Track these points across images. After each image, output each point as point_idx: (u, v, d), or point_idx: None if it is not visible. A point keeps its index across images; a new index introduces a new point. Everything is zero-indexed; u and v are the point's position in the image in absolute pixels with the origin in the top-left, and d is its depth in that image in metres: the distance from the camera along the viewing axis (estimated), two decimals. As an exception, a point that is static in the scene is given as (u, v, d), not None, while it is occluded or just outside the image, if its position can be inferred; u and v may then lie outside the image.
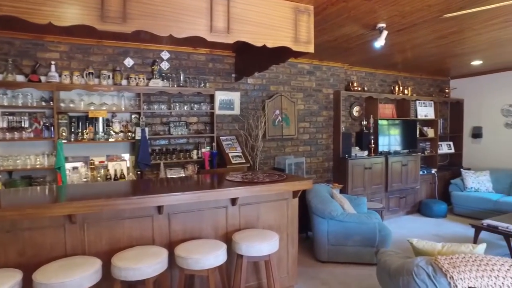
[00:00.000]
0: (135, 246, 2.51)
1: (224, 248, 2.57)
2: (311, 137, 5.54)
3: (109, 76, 3.97)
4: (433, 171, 6.49)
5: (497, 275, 2.12)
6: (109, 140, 3.94)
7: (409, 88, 6.42)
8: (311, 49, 3.12)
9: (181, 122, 4.43)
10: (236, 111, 4.84)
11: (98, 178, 3.86)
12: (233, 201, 3.01)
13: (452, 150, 7.02)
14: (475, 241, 4.33)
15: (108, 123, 4.01)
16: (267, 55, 3.77)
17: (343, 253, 4.06)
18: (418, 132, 6.47)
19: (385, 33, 3.67)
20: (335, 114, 5.68)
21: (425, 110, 6.58)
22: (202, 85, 4.45)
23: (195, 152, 4.42)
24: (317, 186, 4.62)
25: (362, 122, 5.99)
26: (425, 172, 6.38)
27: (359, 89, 5.84)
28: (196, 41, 4.19)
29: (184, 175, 4.28)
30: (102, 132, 3.91)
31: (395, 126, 6.17)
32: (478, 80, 6.74)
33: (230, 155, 4.56)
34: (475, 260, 2.23)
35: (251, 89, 4.97)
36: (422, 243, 2.71)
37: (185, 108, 4.38)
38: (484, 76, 6.62)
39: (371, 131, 5.92)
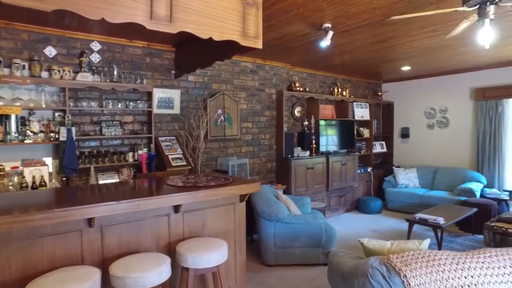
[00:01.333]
0: (58, 269, 2.10)
1: (168, 262, 2.29)
2: (254, 137, 5.43)
3: (24, 66, 3.38)
4: (369, 169, 6.83)
5: (444, 269, 2.17)
6: (26, 141, 3.35)
7: (347, 90, 6.67)
8: (259, 44, 2.97)
9: (114, 122, 3.98)
10: (176, 110, 4.52)
11: (10, 187, 3.26)
12: (176, 208, 2.73)
13: (385, 149, 7.48)
14: (409, 233, 4.58)
15: (24, 121, 3.41)
16: (211, 50, 3.54)
17: (290, 256, 3.99)
18: (355, 132, 6.75)
19: (330, 33, 3.68)
20: (278, 114, 5.64)
21: (361, 112, 6.89)
22: (139, 81, 4.05)
23: (131, 154, 4.00)
24: (262, 188, 4.51)
25: (304, 123, 6.05)
26: (362, 171, 6.68)
27: (301, 89, 5.88)
28: (132, 32, 3.79)
29: (118, 181, 3.84)
30: (15, 133, 3.31)
31: (335, 126, 6.35)
32: (406, 84, 7.27)
33: (170, 157, 4.23)
34: (423, 256, 2.27)
35: (192, 87, 4.68)
36: (372, 243, 2.72)
37: (120, 106, 3.94)
38: (411, 81, 7.16)
39: (313, 131, 6.01)
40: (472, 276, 2.16)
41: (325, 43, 3.76)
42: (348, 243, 4.67)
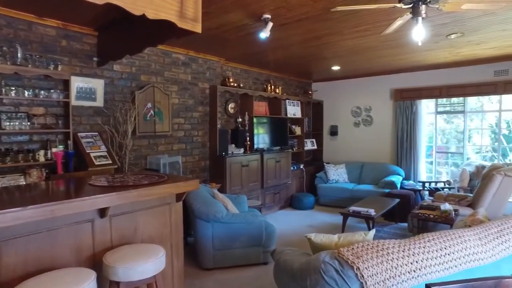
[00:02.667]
0: None
1: (93, 277, 1.91)
2: (187, 134, 5.10)
3: None
4: (302, 166, 6.97)
5: (392, 258, 2.17)
6: None
7: (280, 88, 6.70)
8: (198, 28, 2.71)
9: (19, 114, 3.33)
10: (99, 102, 3.99)
11: None
12: (102, 211, 2.33)
13: (315, 147, 7.72)
14: (343, 226, 4.73)
15: None
16: (142, 34, 3.17)
17: (229, 257, 3.79)
18: (288, 130, 6.82)
19: (270, 24, 3.57)
20: (212, 110, 5.39)
21: (293, 109, 6.99)
22: (52, 67, 3.45)
23: (42, 152, 3.39)
24: (198, 187, 4.22)
25: (238, 119, 5.90)
26: (295, 168, 6.78)
27: (235, 85, 5.72)
28: (42, 7, 3.20)
29: (25, 184, 3.20)
30: None
31: (269, 123, 6.32)
32: (335, 84, 7.60)
33: (92, 155, 3.70)
34: (372, 247, 2.25)
35: (118, 77, 4.18)
36: (320, 237, 2.66)
37: (26, 94, 3.30)
38: (339, 81, 7.51)
39: (247, 128, 5.89)
40: (417, 262, 2.19)
41: (264, 34, 3.64)
42: (287, 240, 4.64)
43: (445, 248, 2.35)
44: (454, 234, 2.51)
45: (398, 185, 6.03)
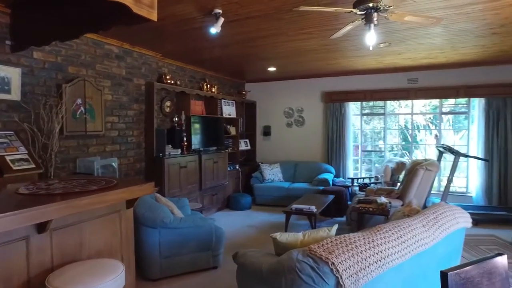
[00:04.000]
0: None
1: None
2: (121, 134, 4.65)
3: None
4: (237, 166, 6.93)
5: (361, 250, 2.26)
6: None
7: (216, 87, 6.57)
8: (154, 16, 2.47)
9: None
10: (15, 95, 3.37)
11: None
12: (42, 226, 1.95)
13: (249, 147, 7.75)
14: (287, 224, 4.81)
15: None
16: (79, 17, 2.74)
17: (178, 264, 3.54)
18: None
19: (221, 19, 3.45)
20: (148, 109, 5.01)
21: (228, 109, 6.92)
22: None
23: None
24: (139, 191, 3.86)
25: (174, 119, 5.59)
26: (232, 168, 6.71)
27: (172, 82, 5.42)
28: None
29: None
30: None
31: (206, 123, 6.13)
32: (268, 85, 7.75)
33: (8, 158, 3.10)
34: (341, 242, 2.31)
35: (39, 66, 3.59)
36: (285, 236, 2.63)
37: None
38: (272, 82, 7.67)
39: (183, 128, 5.63)
40: (381, 252, 2.32)
41: (215, 29, 3.50)
42: (232, 242, 4.54)
43: (400, 237, 2.53)
44: (404, 224, 2.72)
45: (331, 182, 6.41)
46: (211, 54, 5.33)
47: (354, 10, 2.79)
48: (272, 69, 6.46)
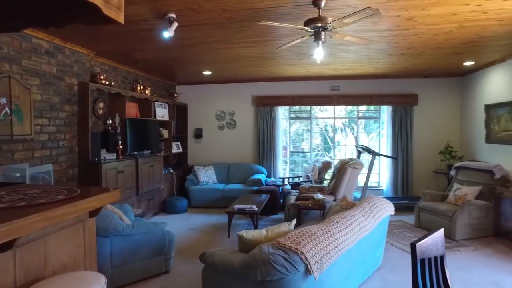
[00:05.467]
0: None
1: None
2: (52, 137, 4.25)
3: None
4: (171, 169, 6.83)
5: (322, 240, 2.59)
6: None
7: (149, 89, 6.38)
8: (121, 18, 2.40)
9: None
10: None
11: None
12: (6, 244, 1.79)
13: (180, 150, 7.68)
14: (229, 224, 4.97)
15: None
16: (27, 7, 2.49)
17: (130, 273, 3.44)
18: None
19: (175, 24, 3.47)
20: (82, 110, 4.67)
21: (162, 112, 6.78)
22: None
23: None
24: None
25: (108, 121, 5.29)
26: (166, 172, 6.59)
27: (107, 83, 5.13)
28: None
29: None
30: None
31: (140, 126, 5.93)
32: (199, 88, 7.79)
33: None
34: (304, 234, 2.61)
35: (-43, 61, 3.12)
36: (251, 233, 2.82)
37: None
38: (204, 85, 7.73)
39: (118, 131, 5.37)
40: (337, 239, 2.70)
41: (168, 34, 3.50)
42: (179, 245, 4.52)
43: (349, 226, 2.96)
44: (349, 215, 3.18)
45: (264, 182, 6.78)
46: (147, 55, 5.21)
47: (306, 28, 3.14)
48: (207, 72, 6.56)
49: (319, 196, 4.59)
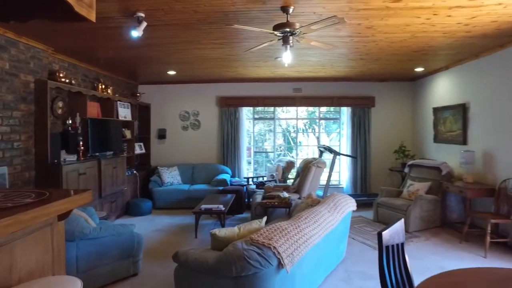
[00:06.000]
0: None
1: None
2: (5, 138, 4.00)
3: None
4: (134, 171, 6.67)
5: (292, 235, 2.73)
6: None
7: (111, 88, 6.19)
8: (93, 16, 2.36)
9: None
10: None
11: None
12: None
13: (143, 151, 7.51)
14: (197, 223, 4.96)
15: None
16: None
17: (97, 277, 3.36)
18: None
19: (144, 24, 3.44)
20: (39, 110, 4.43)
21: (124, 112, 6.59)
22: None
23: None
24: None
25: (67, 121, 5.07)
26: (130, 173, 6.43)
27: (67, 81, 4.91)
28: None
29: None
30: None
31: (102, 126, 5.73)
32: (163, 88, 7.66)
33: None
34: (275, 230, 2.73)
35: None
36: (224, 231, 2.88)
37: None
38: (167, 85, 7.62)
39: (79, 131, 5.16)
40: (306, 234, 2.86)
41: (136, 33, 3.46)
42: (146, 247, 4.45)
43: (316, 221, 3.13)
44: (316, 211, 3.35)
45: (229, 182, 6.84)
46: (110, 54, 5.07)
47: (275, 32, 3.26)
48: (172, 72, 6.49)
49: (285, 194, 4.75)
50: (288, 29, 3.22)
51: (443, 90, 6.15)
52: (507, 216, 4.18)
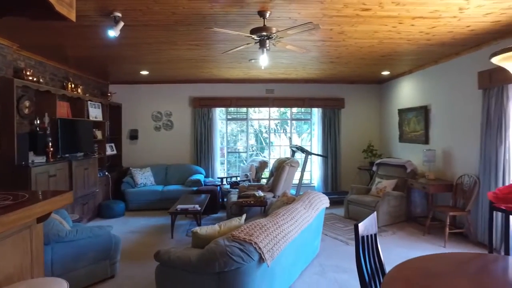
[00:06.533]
0: None
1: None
2: (-31, 140, 3.82)
3: None
4: (106, 172, 6.52)
5: (272, 231, 2.84)
6: None
7: (81, 87, 6.01)
8: (73, 16, 2.36)
9: None
10: None
11: None
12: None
13: (115, 152, 7.35)
14: (173, 224, 4.96)
15: None
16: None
17: (73, 281, 3.25)
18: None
19: (121, 24, 3.42)
20: (4, 109, 4.25)
21: (95, 112, 6.43)
22: None
23: None
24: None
25: (35, 121, 4.89)
26: (101, 175, 6.28)
27: (35, 79, 4.74)
28: None
29: None
30: None
31: (72, 127, 5.57)
32: (134, 88, 7.54)
33: None
34: (255, 226, 2.83)
35: None
36: (205, 229, 2.94)
37: None
38: (140, 85, 7.51)
39: (48, 132, 4.99)
40: (284, 230, 2.99)
41: (113, 33, 3.44)
42: (123, 248, 4.39)
43: (293, 218, 3.28)
44: (292, 208, 3.50)
45: (203, 183, 6.86)
46: (81, 52, 4.96)
47: (253, 36, 3.37)
48: (145, 72, 6.42)
49: (260, 193, 4.86)
50: (265, 33, 3.34)
51: (407, 92, 6.55)
52: (463, 208, 4.56)
